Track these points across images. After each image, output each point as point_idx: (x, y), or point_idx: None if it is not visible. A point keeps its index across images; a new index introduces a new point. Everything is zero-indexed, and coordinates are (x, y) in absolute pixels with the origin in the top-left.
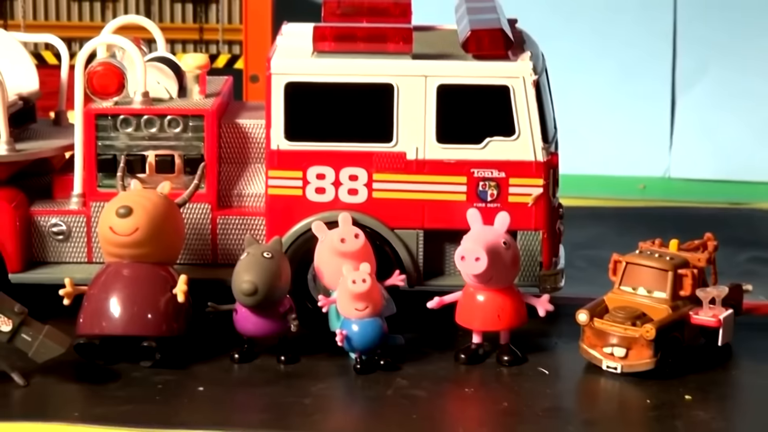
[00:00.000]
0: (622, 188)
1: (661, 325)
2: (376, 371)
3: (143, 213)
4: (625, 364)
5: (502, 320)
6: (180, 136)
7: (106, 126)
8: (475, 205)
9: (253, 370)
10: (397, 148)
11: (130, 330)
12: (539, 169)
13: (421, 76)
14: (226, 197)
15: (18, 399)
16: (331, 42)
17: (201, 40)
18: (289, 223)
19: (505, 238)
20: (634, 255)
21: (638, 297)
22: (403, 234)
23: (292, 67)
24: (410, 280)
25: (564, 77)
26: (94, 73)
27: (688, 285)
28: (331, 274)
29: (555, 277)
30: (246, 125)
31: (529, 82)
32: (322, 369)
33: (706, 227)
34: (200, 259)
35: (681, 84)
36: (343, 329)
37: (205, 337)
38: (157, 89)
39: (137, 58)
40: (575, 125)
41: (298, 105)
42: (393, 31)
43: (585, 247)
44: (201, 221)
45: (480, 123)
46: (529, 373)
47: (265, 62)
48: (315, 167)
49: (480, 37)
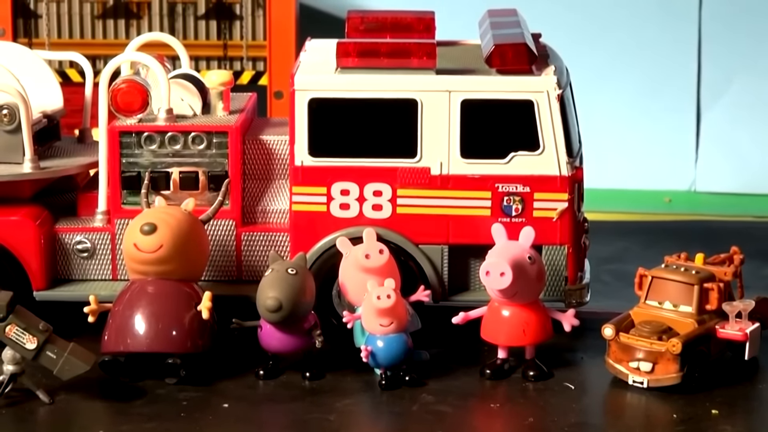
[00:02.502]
0: (647, 202)
1: (688, 340)
2: (401, 387)
3: (167, 230)
4: (652, 378)
5: (527, 335)
6: (204, 152)
7: (130, 143)
8: (500, 219)
9: (277, 387)
10: (422, 164)
11: (154, 347)
12: (564, 184)
13: (445, 91)
14: (251, 213)
15: (43, 417)
16: (354, 58)
17: (225, 57)
18: (313, 239)
19: (530, 252)
20: (660, 269)
21: (664, 311)
22: (427, 249)
23: (316, 83)
24: (435, 296)
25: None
26: (118, 90)
27: (714, 299)
28: (355, 289)
29: (580, 291)
30: (270, 141)
31: (554, 96)
32: (347, 385)
33: (732, 241)
34: (225, 276)
35: (706, 97)
36: (368, 345)
37: (230, 354)
38: (181, 106)
39: (161, 76)
40: (600, 139)
41: (321, 121)
42: (417, 46)
43: (610, 261)
44: (225, 238)
45: (504, 138)
46: (555, 388)
47: (288, 78)
48: (339, 183)
49: (504, 51)
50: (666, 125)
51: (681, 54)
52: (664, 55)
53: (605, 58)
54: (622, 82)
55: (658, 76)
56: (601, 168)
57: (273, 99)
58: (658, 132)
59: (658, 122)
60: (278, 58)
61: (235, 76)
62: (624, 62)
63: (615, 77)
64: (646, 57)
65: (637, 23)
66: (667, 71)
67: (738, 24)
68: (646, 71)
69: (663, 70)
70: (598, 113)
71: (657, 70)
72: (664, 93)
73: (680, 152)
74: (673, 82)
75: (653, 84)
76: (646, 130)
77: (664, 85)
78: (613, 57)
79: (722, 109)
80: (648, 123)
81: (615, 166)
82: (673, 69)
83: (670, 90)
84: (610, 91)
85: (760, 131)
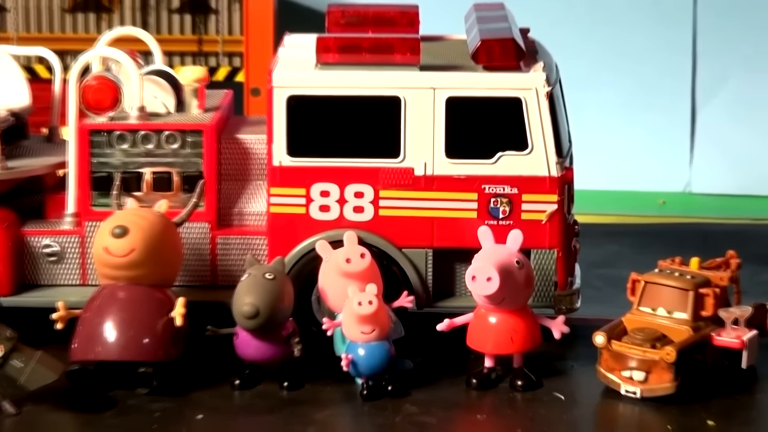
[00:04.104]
0: (640, 204)
1: (682, 347)
2: (383, 397)
3: (139, 233)
4: (645, 388)
5: (515, 343)
6: (178, 152)
7: (101, 142)
8: (487, 222)
9: (254, 397)
10: (405, 164)
11: (125, 355)
12: (553, 185)
13: (429, 88)
14: (226, 216)
15: (9, 429)
16: (335, 53)
17: (200, 53)
18: (291, 242)
19: (518, 257)
20: (653, 274)
21: (658, 318)
22: (411, 253)
23: (295, 79)
24: (419, 302)
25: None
26: (88, 87)
27: (710, 305)
28: (335, 295)
29: (570, 297)
30: (247, 140)
31: (542, 93)
32: (327, 395)
33: (729, 244)
34: (199, 281)
35: (701, 96)
36: (349, 353)
37: (205, 363)
38: (154, 104)
39: (133, 72)
40: (591, 139)
41: (301, 119)
42: (400, 41)
43: (602, 266)
44: (200, 241)
45: (491, 137)
46: (544, 398)
47: (266, 75)
48: (319, 184)
49: (490, 47)
50: (659, 124)
51: (675, 52)
52: (658, 52)
53: (596, 54)
54: (613, 78)
55: (651, 73)
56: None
57: (250, 96)
58: (652, 131)
59: (651, 121)
60: (255, 54)
61: (210, 72)
62: (616, 58)
63: (606, 74)
64: (639, 53)
65: (629, 18)
66: (661, 68)
67: (733, 20)
68: (638, 68)
69: (656, 67)
70: (589, 111)
71: (650, 67)
72: (658, 90)
73: (674, 152)
74: (667, 81)
75: (646, 81)
76: (638, 129)
77: (657, 83)
78: (605, 53)
79: (718, 107)
80: (641, 122)
81: (606, 166)
82: (666, 66)
83: (664, 87)
84: (601, 88)
85: (758, 130)
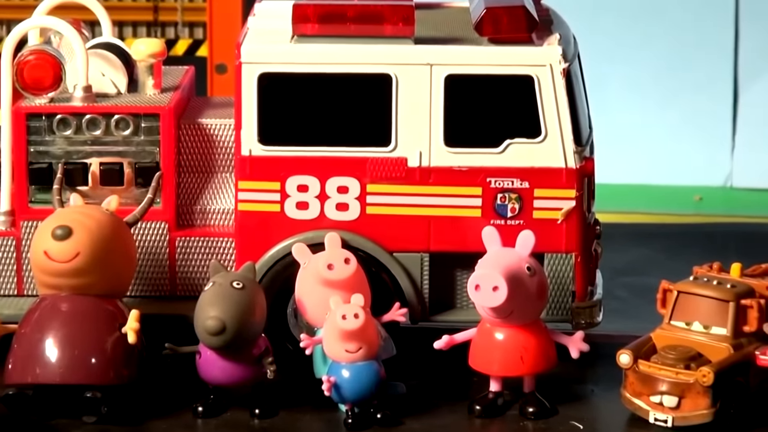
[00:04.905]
0: (672, 201)
1: (721, 368)
2: (371, 426)
3: (85, 234)
4: (678, 415)
5: (525, 363)
6: (130, 140)
7: (40, 128)
8: (493, 222)
9: (220, 426)
10: (397, 153)
11: (69, 378)
12: (571, 178)
13: (426, 64)
14: (187, 214)
15: None
16: (314, 24)
17: (156, 22)
18: (264, 245)
19: (529, 262)
20: (688, 282)
21: (693, 334)
22: (404, 258)
23: (267, 54)
24: (413, 315)
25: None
26: (24, 63)
27: (754, 319)
28: (315, 307)
29: (591, 310)
30: (211, 126)
31: (558, 70)
32: (306, 424)
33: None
34: (156, 291)
35: (744, 76)
36: (332, 375)
37: (162, 386)
38: (103, 83)
39: (77, 45)
40: (615, 124)
41: (274, 101)
42: (390, 9)
43: (627, 273)
44: (156, 244)
45: (498, 122)
46: (560, 427)
47: (234, 49)
48: (295, 177)
49: (497, 16)
50: (696, 107)
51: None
52: (695, 25)
53: (622, 25)
54: (642, 54)
55: (688, 52)
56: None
57: (214, 74)
58: (687, 116)
59: (686, 104)
60: (221, 24)
61: (168, 45)
62: (645, 30)
63: (634, 48)
64: (674, 25)
65: None
66: (699, 45)
67: None
68: (672, 43)
69: (693, 44)
70: (614, 92)
71: (686, 44)
72: (695, 71)
73: (713, 139)
74: (705, 55)
75: (681, 60)
76: (670, 112)
77: (693, 59)
78: (632, 24)
79: (763, 89)
80: (674, 105)
81: (633, 156)
82: (705, 42)
83: (701, 64)
84: (628, 65)
85: None
